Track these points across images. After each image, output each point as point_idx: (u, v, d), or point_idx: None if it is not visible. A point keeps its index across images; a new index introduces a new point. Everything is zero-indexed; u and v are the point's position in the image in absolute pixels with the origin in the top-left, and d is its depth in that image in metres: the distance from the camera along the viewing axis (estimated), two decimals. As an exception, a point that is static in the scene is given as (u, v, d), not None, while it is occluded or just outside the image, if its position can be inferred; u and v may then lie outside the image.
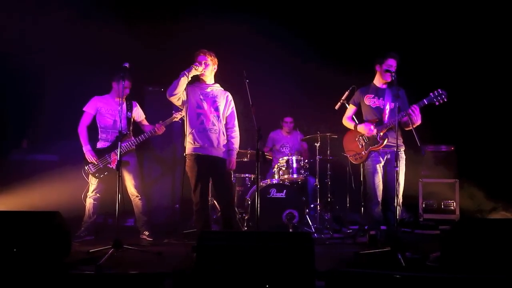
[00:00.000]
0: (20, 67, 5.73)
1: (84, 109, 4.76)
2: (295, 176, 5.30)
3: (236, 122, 4.19)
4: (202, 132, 4.00)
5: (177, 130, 6.28)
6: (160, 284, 2.93)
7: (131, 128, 4.79)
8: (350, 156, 4.54)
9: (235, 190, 5.54)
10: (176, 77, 3.90)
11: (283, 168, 5.35)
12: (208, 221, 4.04)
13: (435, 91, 3.97)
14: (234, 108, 4.22)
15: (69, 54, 5.81)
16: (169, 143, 6.22)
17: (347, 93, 4.80)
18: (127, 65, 3.93)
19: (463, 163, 5.87)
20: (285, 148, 6.28)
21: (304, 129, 6.44)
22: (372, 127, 4.22)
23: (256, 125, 3.59)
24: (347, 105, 4.77)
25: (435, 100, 3.95)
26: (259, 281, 2.47)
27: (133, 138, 4.70)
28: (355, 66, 5.74)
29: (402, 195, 4.21)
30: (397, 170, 3.78)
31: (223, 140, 4.08)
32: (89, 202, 4.70)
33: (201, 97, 4.08)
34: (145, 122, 4.94)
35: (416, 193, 5.80)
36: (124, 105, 4.69)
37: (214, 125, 4.04)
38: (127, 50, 5.33)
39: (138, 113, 4.92)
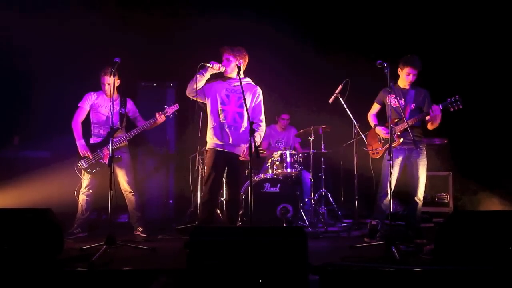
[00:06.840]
0: (10, 63, 5.67)
1: (79, 104, 4.74)
2: (289, 170, 5.29)
3: (262, 117, 4.12)
4: (223, 128, 4.00)
5: (170, 126, 6.24)
6: (154, 280, 2.91)
7: (123, 124, 4.76)
8: (369, 150, 4.68)
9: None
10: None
11: (277, 163, 5.34)
12: (212, 214, 4.09)
13: (452, 97, 4.10)
14: (262, 103, 4.15)
15: (61, 50, 5.75)
16: (163, 138, 6.19)
17: (340, 86, 4.81)
18: (118, 60, 3.89)
19: (457, 156, 5.89)
20: (280, 144, 6.26)
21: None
22: (385, 133, 4.40)
23: (249, 119, 3.56)
24: (341, 98, 4.79)
25: (450, 106, 4.11)
26: (252, 276, 2.47)
27: (125, 134, 4.67)
28: (349, 60, 5.74)
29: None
30: (390, 164, 3.86)
31: (243, 137, 4.01)
32: (82, 198, 4.67)
33: (227, 93, 4.06)
34: (140, 118, 4.91)
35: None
36: (118, 101, 4.67)
37: (235, 122, 4.02)
38: (120, 45, 5.28)
39: (132, 110, 4.88)
